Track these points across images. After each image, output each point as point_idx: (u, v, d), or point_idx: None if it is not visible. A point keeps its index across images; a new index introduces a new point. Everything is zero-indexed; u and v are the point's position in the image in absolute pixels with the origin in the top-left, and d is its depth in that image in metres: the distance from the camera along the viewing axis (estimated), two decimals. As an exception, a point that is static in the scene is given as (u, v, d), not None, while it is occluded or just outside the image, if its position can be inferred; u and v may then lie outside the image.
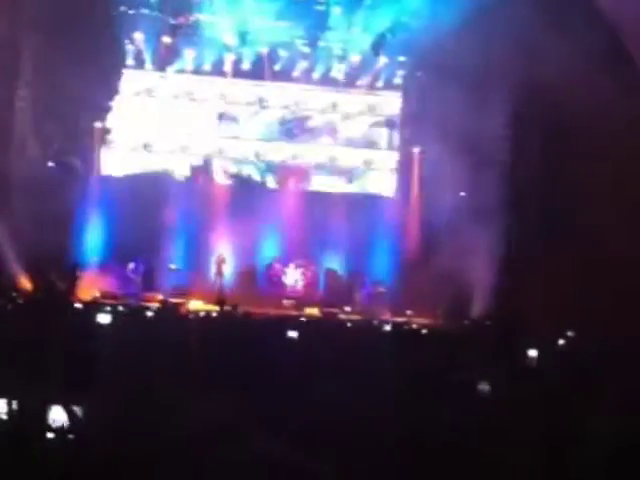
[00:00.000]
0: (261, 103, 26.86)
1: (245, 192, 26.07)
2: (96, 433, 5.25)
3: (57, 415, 5.35)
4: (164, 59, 25.94)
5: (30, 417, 5.43)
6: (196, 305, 22.12)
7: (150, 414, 5.75)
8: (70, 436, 5.29)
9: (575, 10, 20.31)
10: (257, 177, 27.03)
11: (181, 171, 26.56)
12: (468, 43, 22.71)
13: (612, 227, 18.70)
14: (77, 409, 5.41)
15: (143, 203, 24.51)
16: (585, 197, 20.14)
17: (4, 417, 5.42)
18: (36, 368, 6.38)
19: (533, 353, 10.77)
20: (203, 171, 26.67)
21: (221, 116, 26.81)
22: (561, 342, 14.25)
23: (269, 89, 26.82)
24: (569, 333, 15.31)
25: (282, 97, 26.95)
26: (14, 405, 5.45)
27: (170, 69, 26.12)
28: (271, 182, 27.03)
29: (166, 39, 25.61)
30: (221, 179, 26.66)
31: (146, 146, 26.23)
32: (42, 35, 22.10)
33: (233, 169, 26.91)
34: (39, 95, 23.09)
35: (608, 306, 18.35)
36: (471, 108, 22.24)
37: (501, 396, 7.86)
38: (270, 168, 27.01)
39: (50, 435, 5.30)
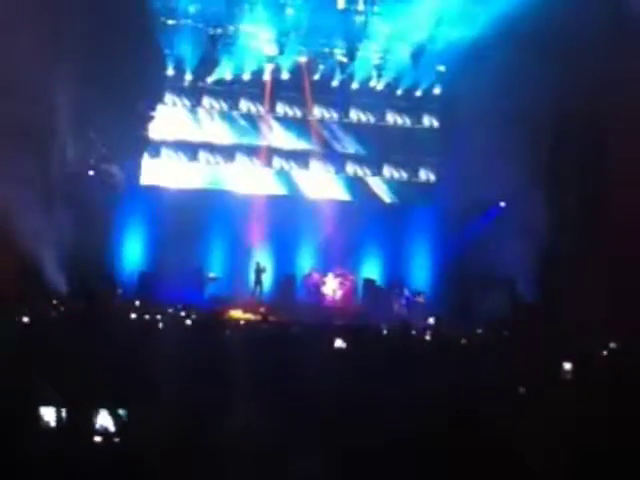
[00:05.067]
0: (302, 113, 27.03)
1: (284, 202, 26.17)
2: (141, 437, 5.28)
3: (104, 420, 5.38)
4: (204, 69, 26.06)
5: (77, 422, 5.46)
6: (236, 314, 22.18)
7: (192, 420, 5.78)
8: (116, 439, 5.32)
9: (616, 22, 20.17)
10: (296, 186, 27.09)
11: (220, 182, 26.63)
12: (507, 52, 22.64)
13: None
14: (123, 413, 5.44)
15: (183, 213, 24.69)
16: (626, 203, 19.98)
17: (53, 424, 5.46)
18: (82, 374, 6.43)
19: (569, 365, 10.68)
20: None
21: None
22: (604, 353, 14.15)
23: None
24: (612, 344, 15.17)
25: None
26: (63, 413, 5.49)
27: (209, 79, 26.24)
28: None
29: (206, 49, 25.74)
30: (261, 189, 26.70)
31: (187, 156, 26.37)
32: (85, 45, 22.28)
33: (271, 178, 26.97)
34: (81, 104, 23.27)
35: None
36: (510, 117, 22.13)
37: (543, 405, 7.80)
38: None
39: (97, 439, 5.33)
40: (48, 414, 5.52)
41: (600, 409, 6.85)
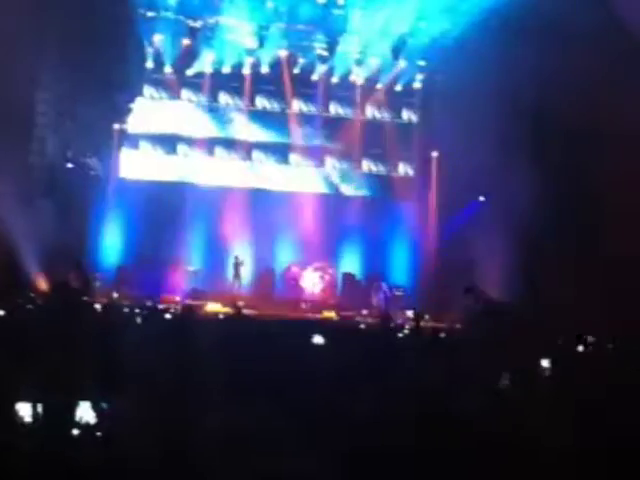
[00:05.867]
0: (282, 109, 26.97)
1: (263, 195, 26.14)
2: (122, 430, 5.25)
3: (84, 413, 5.33)
4: (183, 61, 25.94)
5: (55, 415, 5.42)
6: (214, 308, 22.13)
7: (170, 413, 5.75)
8: (98, 433, 5.28)
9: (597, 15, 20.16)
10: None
11: (199, 175, 26.53)
12: (488, 47, 22.66)
13: (634, 229, 18.58)
14: (104, 406, 5.41)
15: (161, 206, 24.62)
16: (607, 199, 20.03)
17: (29, 419, 5.41)
18: (59, 368, 6.38)
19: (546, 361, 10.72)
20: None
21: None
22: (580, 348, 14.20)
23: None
24: (589, 338, 15.24)
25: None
26: (39, 408, 5.44)
27: (189, 71, 26.12)
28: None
29: (185, 41, 25.62)
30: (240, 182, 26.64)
31: (165, 149, 26.28)
32: (63, 37, 22.14)
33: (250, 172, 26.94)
34: (59, 97, 23.14)
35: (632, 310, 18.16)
36: (491, 111, 22.15)
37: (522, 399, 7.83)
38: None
39: (76, 432, 5.29)
40: (24, 410, 5.48)
41: (579, 404, 6.89)
